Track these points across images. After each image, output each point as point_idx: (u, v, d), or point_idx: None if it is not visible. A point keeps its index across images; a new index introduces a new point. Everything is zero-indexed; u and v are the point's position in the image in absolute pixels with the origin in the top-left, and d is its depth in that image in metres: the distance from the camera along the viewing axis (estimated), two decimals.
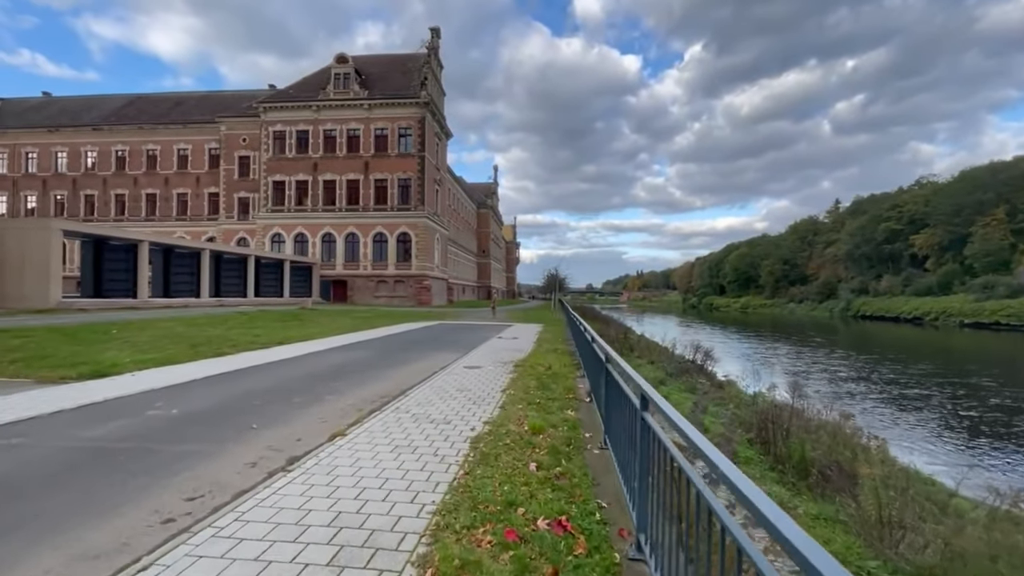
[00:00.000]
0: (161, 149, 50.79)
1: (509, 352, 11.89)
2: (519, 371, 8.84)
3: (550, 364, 9.42)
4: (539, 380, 7.85)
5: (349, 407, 5.99)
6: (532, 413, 5.70)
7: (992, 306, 57.85)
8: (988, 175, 75.69)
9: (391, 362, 9.97)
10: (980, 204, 71.76)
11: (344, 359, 10.30)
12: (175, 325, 16.24)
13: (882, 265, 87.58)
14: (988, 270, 66.44)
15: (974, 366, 25.46)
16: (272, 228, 44.37)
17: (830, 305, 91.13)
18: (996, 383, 19.74)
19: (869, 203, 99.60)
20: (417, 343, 13.93)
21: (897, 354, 30.89)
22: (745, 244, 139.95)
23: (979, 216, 71.59)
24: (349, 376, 8.22)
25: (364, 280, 43.31)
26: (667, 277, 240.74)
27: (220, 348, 11.43)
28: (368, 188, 43.37)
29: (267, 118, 44.72)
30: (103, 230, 25.06)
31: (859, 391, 19.49)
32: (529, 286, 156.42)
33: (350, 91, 43.54)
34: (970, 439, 12.49)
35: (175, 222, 50.16)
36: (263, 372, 8.55)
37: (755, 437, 10.29)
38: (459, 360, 10.31)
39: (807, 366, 26.20)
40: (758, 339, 42.46)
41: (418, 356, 11.00)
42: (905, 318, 68.78)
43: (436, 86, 46.81)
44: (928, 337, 48.23)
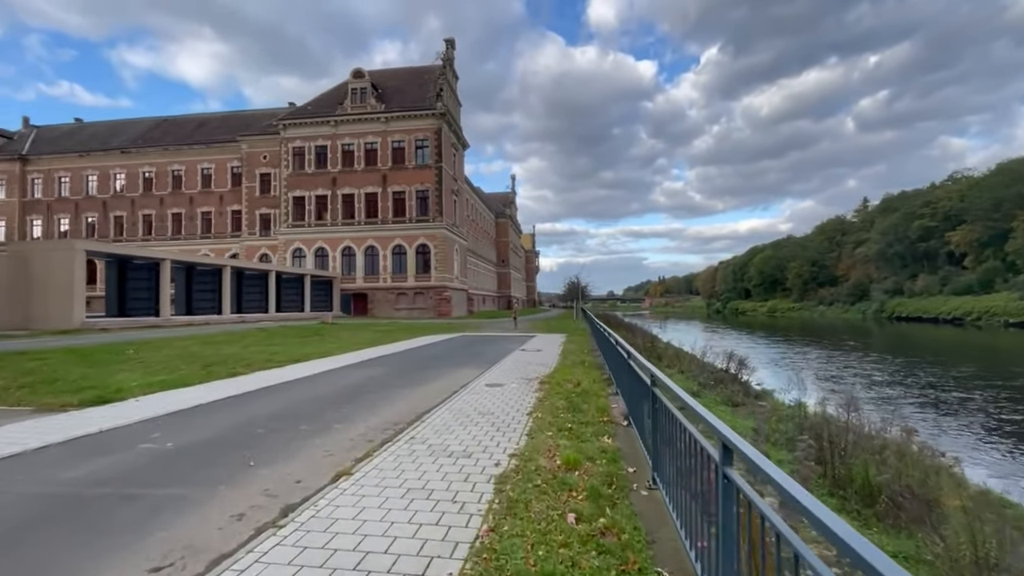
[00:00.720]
0: (186, 169, 51.95)
1: (533, 367, 11.21)
2: (545, 389, 8.14)
3: (579, 380, 8.69)
4: (568, 400, 7.15)
5: (359, 437, 5.39)
6: (564, 442, 5.01)
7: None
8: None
9: (408, 381, 9.39)
10: (1020, 197, 68.33)
11: (359, 378, 9.76)
12: (192, 344, 16.04)
13: (916, 264, 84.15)
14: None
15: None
16: (293, 243, 44.72)
17: (862, 307, 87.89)
18: None
19: (900, 200, 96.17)
20: (436, 358, 13.36)
21: (942, 357, 29.00)
22: (770, 246, 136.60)
23: (1020, 210, 68.17)
24: (362, 398, 7.65)
25: (384, 293, 43.20)
26: (689, 282, 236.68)
27: (234, 368, 11.03)
28: (386, 201, 43.40)
29: (287, 135, 45.31)
30: (126, 250, 25.37)
31: (907, 399, 18.10)
32: (549, 295, 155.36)
33: (367, 105, 43.82)
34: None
35: (199, 240, 51.08)
36: (273, 395, 8.05)
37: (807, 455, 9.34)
38: (480, 377, 9.67)
39: (843, 371, 24.62)
40: (788, 344, 40.77)
41: (437, 373, 10.41)
42: (944, 319, 65.75)
43: (452, 97, 46.81)
44: (972, 338, 45.76)
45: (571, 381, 8.74)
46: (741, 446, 1.97)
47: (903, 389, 19.47)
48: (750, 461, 1.84)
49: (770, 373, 21.08)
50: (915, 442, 9.71)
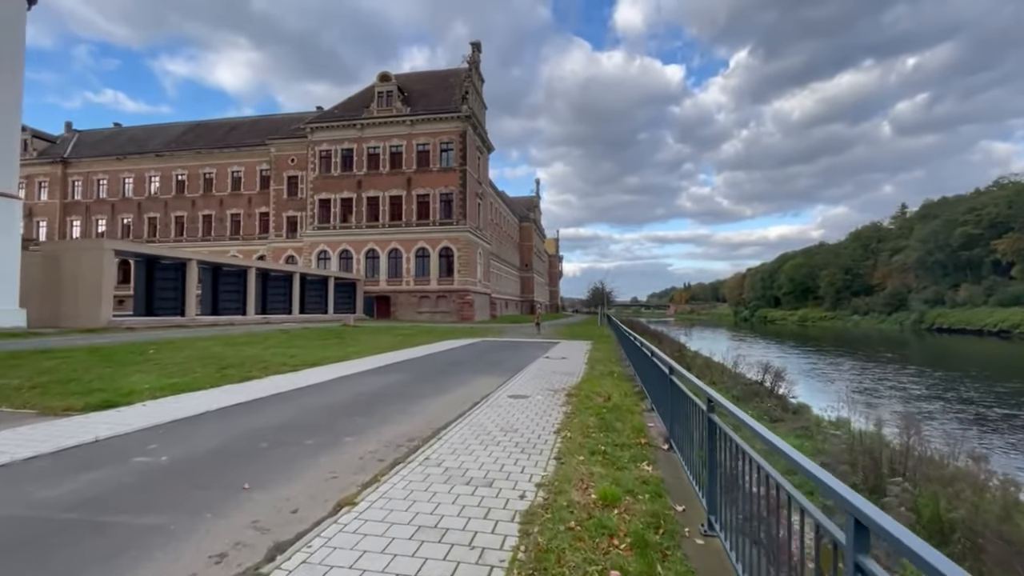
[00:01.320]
0: (216, 172, 53.13)
1: (559, 376, 10.57)
2: (573, 403, 7.51)
3: (609, 394, 8.02)
4: (599, 416, 6.50)
5: (369, 455, 4.86)
6: (598, 469, 4.37)
7: None
8: None
9: (427, 390, 8.87)
10: None
11: (376, 385, 9.29)
12: (213, 344, 15.94)
13: (959, 273, 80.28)
14: None
15: None
16: (318, 245, 45.11)
17: (900, 317, 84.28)
18: None
19: (941, 206, 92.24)
20: (457, 364, 12.84)
21: (988, 371, 27.06)
22: (801, 253, 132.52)
23: None
24: (377, 408, 7.15)
25: (407, 296, 43.13)
26: (716, 289, 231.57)
27: (250, 371, 10.73)
28: (410, 204, 43.39)
29: (314, 138, 45.83)
30: (154, 250, 25.77)
31: (953, 416, 16.72)
32: (572, 300, 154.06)
33: (393, 108, 43.98)
34: None
35: (228, 241, 52.09)
36: (285, 402, 7.63)
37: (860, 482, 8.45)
38: (503, 386, 9.08)
39: (879, 384, 23.19)
40: (821, 355, 39.09)
41: (457, 381, 9.87)
42: (990, 331, 62.33)
43: (477, 100, 46.64)
44: (1021, 351, 43.05)
45: (601, 394, 8.08)
46: (892, 529, 1.32)
47: (945, 404, 18.32)
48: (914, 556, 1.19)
49: (805, 386, 19.97)
50: (986, 471, 8.67)
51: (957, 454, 8.92)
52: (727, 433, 2.97)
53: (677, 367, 5.12)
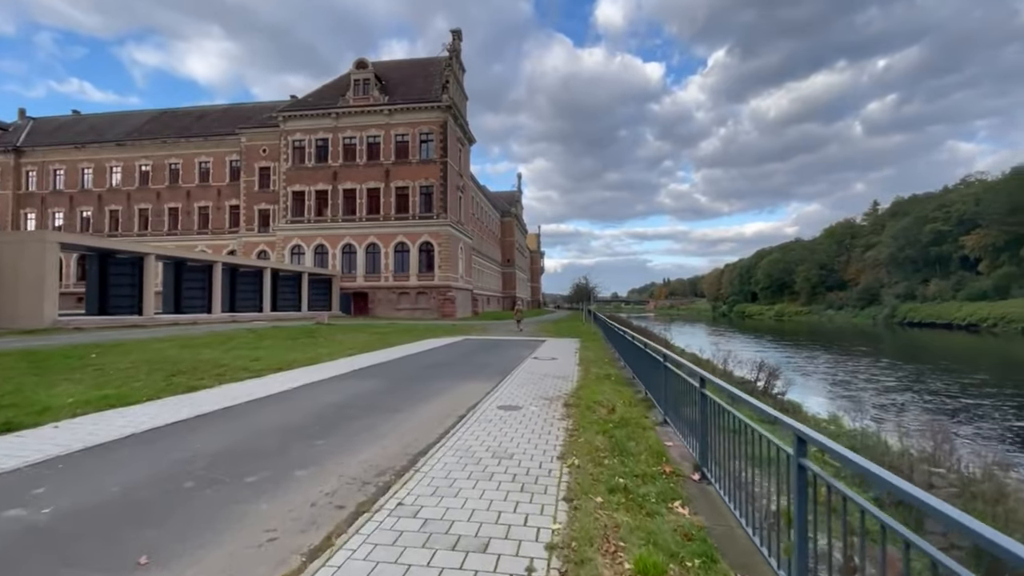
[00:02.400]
0: (183, 163, 50.56)
1: (552, 380, 9.57)
2: (573, 415, 6.51)
3: (612, 404, 7.04)
4: (606, 433, 5.52)
5: (324, 500, 3.76)
6: (623, 517, 3.38)
7: None
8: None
9: (403, 400, 7.75)
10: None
11: (345, 395, 8.13)
12: (169, 347, 14.47)
13: (929, 268, 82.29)
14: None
15: None
16: (291, 240, 43.21)
17: (873, 311, 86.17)
18: None
19: (911, 204, 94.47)
20: (438, 367, 11.73)
21: (960, 364, 27.48)
22: (777, 249, 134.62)
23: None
24: (342, 427, 6.01)
25: (385, 292, 41.64)
26: (694, 285, 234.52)
27: (202, 378, 9.44)
28: (389, 196, 41.84)
29: (287, 128, 43.82)
30: (107, 243, 23.85)
31: (927, 407, 16.66)
32: (553, 296, 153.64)
33: (370, 97, 42.27)
34: None
35: (196, 236, 49.69)
36: (233, 419, 6.44)
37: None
38: (491, 394, 8.03)
39: (856, 378, 23.52)
40: (796, 348, 39.39)
41: (439, 388, 8.78)
42: (959, 325, 63.96)
43: (458, 90, 45.24)
44: (989, 345, 44.08)
45: (603, 404, 7.10)
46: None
47: (915, 396, 18.59)
48: None
49: (787, 382, 19.59)
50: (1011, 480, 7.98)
51: (988, 463, 8.22)
52: (846, 496, 1.99)
53: (711, 378, 4.16)
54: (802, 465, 2.31)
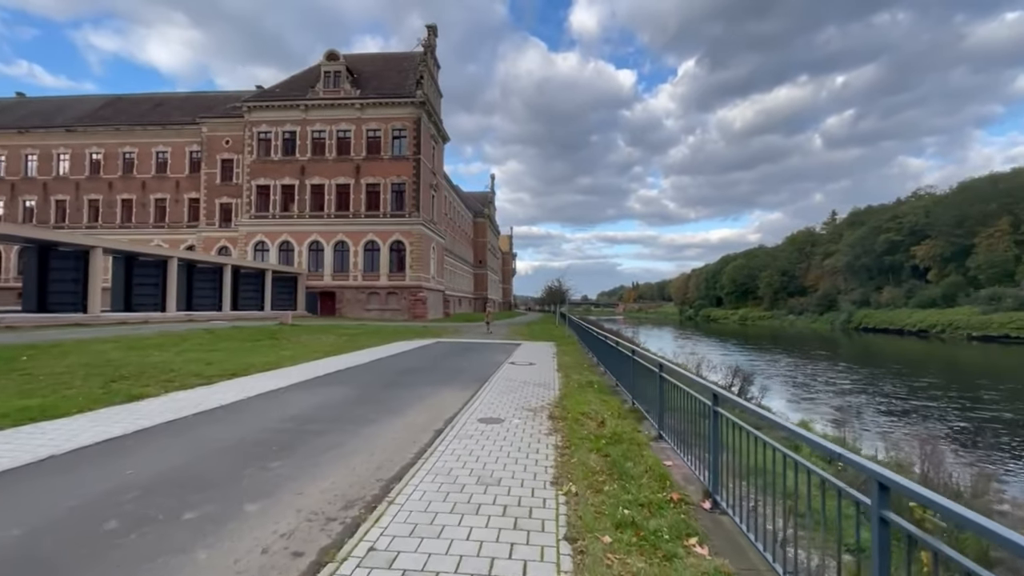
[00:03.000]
0: (139, 152, 47.79)
1: (532, 388, 9.06)
2: (561, 429, 6.02)
3: (601, 416, 6.58)
4: (600, 451, 5.04)
5: (277, 544, 3.11)
6: (638, 562, 2.88)
7: (1000, 319, 56.30)
8: (989, 186, 74.74)
9: (373, 411, 7.08)
10: (983, 215, 70.54)
11: (308, 405, 7.39)
12: (113, 348, 13.25)
13: (882, 276, 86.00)
14: (993, 281, 64.94)
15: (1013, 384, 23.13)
16: (255, 236, 41.33)
17: (831, 317, 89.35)
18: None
19: (867, 214, 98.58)
20: (411, 373, 11.05)
21: (912, 369, 28.71)
22: (742, 255, 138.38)
23: (982, 227, 70.32)
24: (305, 444, 5.33)
25: (354, 292, 40.30)
26: (662, 288, 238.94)
27: (146, 386, 8.50)
28: (359, 193, 40.56)
29: (251, 118, 41.94)
30: (48, 234, 22.01)
31: (879, 408, 17.37)
32: (524, 298, 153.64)
33: (341, 90, 40.90)
34: None
35: (152, 229, 47.04)
36: (177, 434, 5.66)
37: None
38: (470, 404, 7.46)
39: (813, 379, 24.59)
40: (759, 352, 40.51)
41: (412, 397, 8.14)
42: (910, 331, 66.90)
43: (432, 86, 44.35)
44: (937, 351, 46.28)
45: (590, 416, 6.64)
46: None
47: (868, 398, 19.49)
48: None
49: (762, 388, 19.86)
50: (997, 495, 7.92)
51: (956, 472, 8.15)
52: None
53: (727, 395, 3.73)
54: (885, 519, 1.87)
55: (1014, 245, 66.81)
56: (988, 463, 10.43)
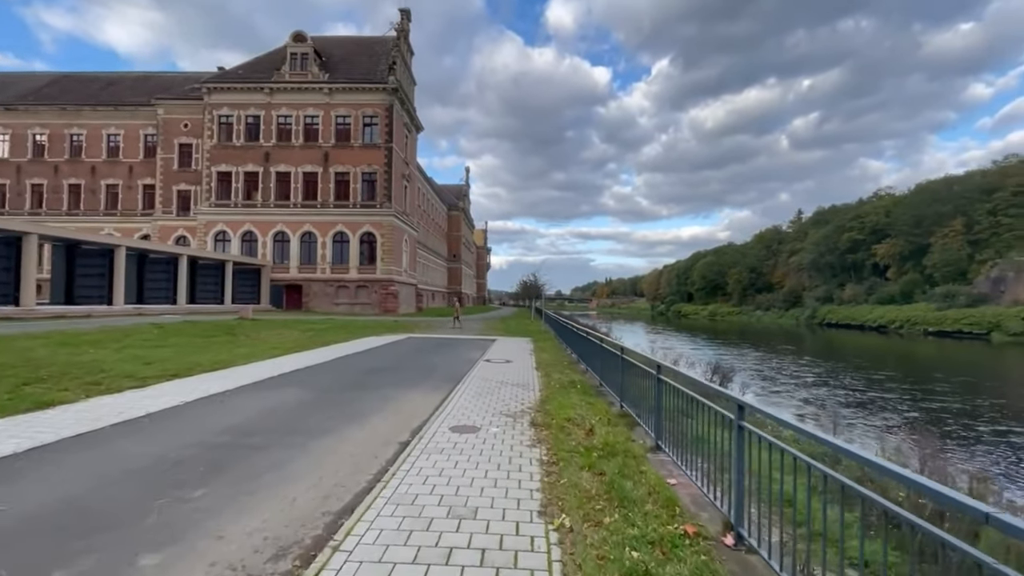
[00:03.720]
0: (88, 134, 44.68)
1: (510, 389, 8.30)
2: (546, 439, 5.28)
3: (589, 423, 5.88)
4: (593, 468, 4.33)
5: None
6: None
7: (954, 315, 58.60)
8: (944, 188, 77.81)
9: (330, 418, 6.18)
10: (939, 216, 73.31)
11: (254, 412, 6.43)
12: (41, 345, 11.84)
13: (845, 274, 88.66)
14: (947, 279, 67.56)
15: (969, 378, 24.00)
16: (216, 225, 39.19)
17: (796, 313, 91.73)
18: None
19: (831, 213, 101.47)
20: (377, 372, 10.13)
21: (871, 363, 29.69)
22: (712, 252, 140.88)
23: (937, 227, 73.05)
24: (238, 465, 4.41)
25: (322, 285, 38.71)
26: (635, 284, 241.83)
27: (65, 389, 7.35)
28: (328, 182, 38.88)
29: (212, 101, 39.63)
30: None
31: (839, 400, 18.03)
32: (499, 292, 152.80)
33: (308, 73, 39.03)
34: None
35: (103, 217, 44.12)
36: (80, 452, 4.66)
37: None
38: (441, 409, 6.64)
39: (779, 373, 25.29)
40: (728, 347, 41.17)
41: (377, 400, 7.26)
42: (870, 326, 69.18)
43: (406, 73, 42.87)
44: (895, 346, 47.90)
45: (576, 422, 5.93)
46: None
47: (829, 390, 20.14)
48: None
49: (743, 385, 19.82)
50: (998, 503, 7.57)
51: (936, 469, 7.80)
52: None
53: (756, 407, 3.06)
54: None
55: (967, 245, 69.69)
56: (942, 452, 10.66)
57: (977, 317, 55.59)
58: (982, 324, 54.18)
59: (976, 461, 10.19)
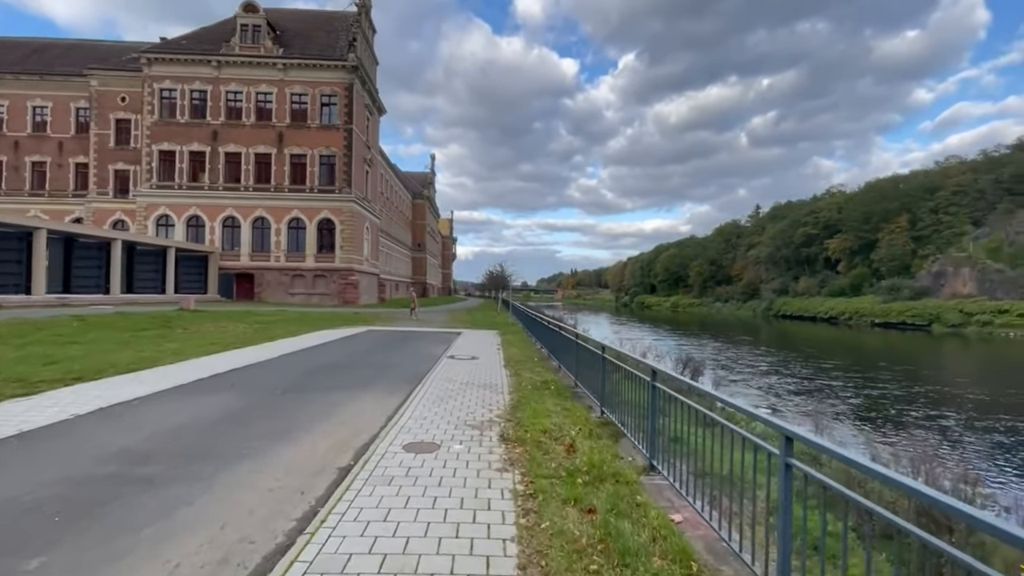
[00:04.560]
0: (10, 106, 40.37)
1: (477, 391, 7.38)
2: (520, 460, 4.39)
3: (568, 435, 5.03)
4: (579, 502, 3.48)
5: None
6: None
7: (898, 307, 61.54)
8: (891, 186, 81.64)
9: (254, 436, 5.08)
10: (886, 212, 76.70)
11: (160, 428, 5.24)
12: None
13: (799, 267, 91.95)
14: (893, 273, 70.97)
15: (906, 366, 25.07)
16: (157, 208, 36.20)
17: (753, 305, 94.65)
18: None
19: (787, 209, 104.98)
20: (326, 371, 9.00)
21: (821, 352, 30.92)
22: (674, 245, 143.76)
23: (885, 224, 76.48)
24: (106, 517, 3.29)
25: (276, 274, 36.47)
26: (600, 276, 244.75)
27: None
28: (282, 164, 36.52)
29: (153, 73, 36.40)
30: None
31: (789, 387, 18.81)
32: (464, 283, 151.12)
33: (260, 47, 36.37)
34: None
35: (29, 198, 40.13)
36: None
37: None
38: (395, 420, 5.65)
39: (736, 362, 26.19)
40: (688, 337, 42.01)
41: (318, 409, 6.19)
42: (822, 317, 71.99)
43: (367, 51, 40.71)
44: (847, 337, 49.98)
45: (554, 434, 5.08)
46: None
47: (780, 377, 21.17)
48: None
49: (716, 379, 19.80)
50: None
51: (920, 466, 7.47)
52: None
53: (806, 436, 2.27)
54: None
55: (911, 240, 73.30)
56: (878, 432, 10.96)
57: (919, 310, 58.54)
58: (923, 316, 57.10)
59: (914, 442, 10.84)
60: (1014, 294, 52.81)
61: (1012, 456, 10.55)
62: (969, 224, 67.03)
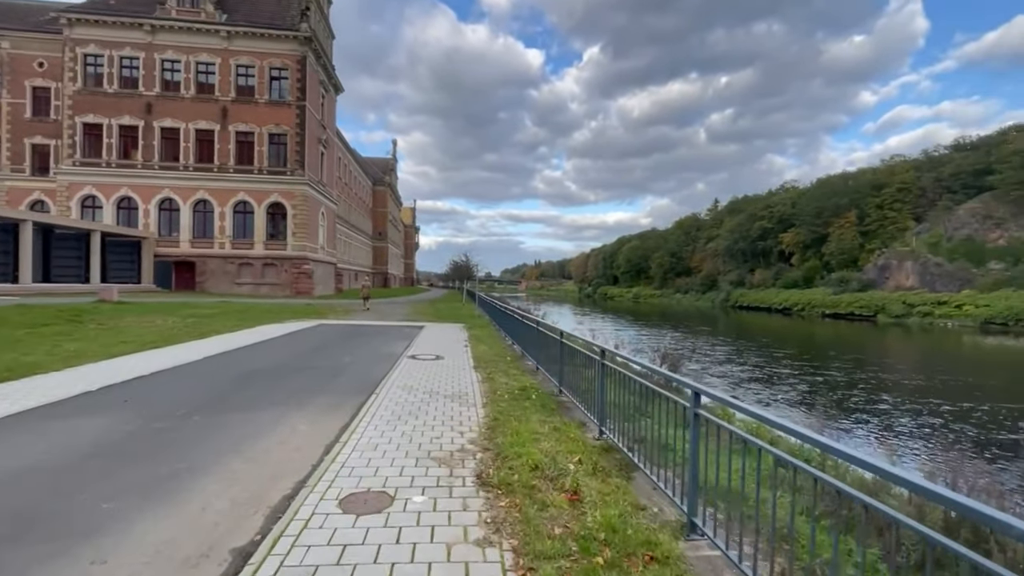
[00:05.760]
0: None
1: (443, 404, 6.02)
2: (506, 524, 3.08)
3: (571, 477, 3.79)
4: None
5: None
6: None
7: (847, 299, 64.08)
8: (841, 183, 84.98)
9: (123, 489, 3.54)
10: (836, 208, 79.75)
11: (19, 464, 3.66)
12: None
13: (755, 260, 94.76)
14: (842, 266, 73.97)
15: (842, 352, 25.85)
16: (82, 188, 32.50)
17: (712, 296, 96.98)
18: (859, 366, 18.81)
19: (744, 203, 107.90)
20: (256, 378, 7.39)
21: (774, 342, 31.87)
22: (636, 237, 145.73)
23: (835, 218, 79.55)
24: None
25: (220, 262, 33.57)
26: (563, 267, 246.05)
27: None
28: (227, 142, 33.48)
29: (75, 35, 32.45)
30: None
31: (743, 375, 18.94)
32: (428, 273, 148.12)
33: (201, 12, 33.02)
34: None
35: None
36: None
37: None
38: (333, 453, 4.23)
39: (695, 352, 27.14)
40: (649, 327, 42.27)
41: (229, 440, 4.67)
42: (776, 308, 74.35)
43: (322, 23, 37.84)
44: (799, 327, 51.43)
45: (547, 472, 3.81)
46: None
47: (735, 366, 21.72)
48: None
49: (698, 374, 19.42)
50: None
51: None
52: None
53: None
54: None
55: (859, 235, 76.52)
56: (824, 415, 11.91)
57: (866, 301, 61.11)
58: (870, 307, 59.59)
59: (856, 423, 11.88)
60: (952, 286, 55.86)
61: (934, 432, 11.32)
62: (912, 220, 70.47)
